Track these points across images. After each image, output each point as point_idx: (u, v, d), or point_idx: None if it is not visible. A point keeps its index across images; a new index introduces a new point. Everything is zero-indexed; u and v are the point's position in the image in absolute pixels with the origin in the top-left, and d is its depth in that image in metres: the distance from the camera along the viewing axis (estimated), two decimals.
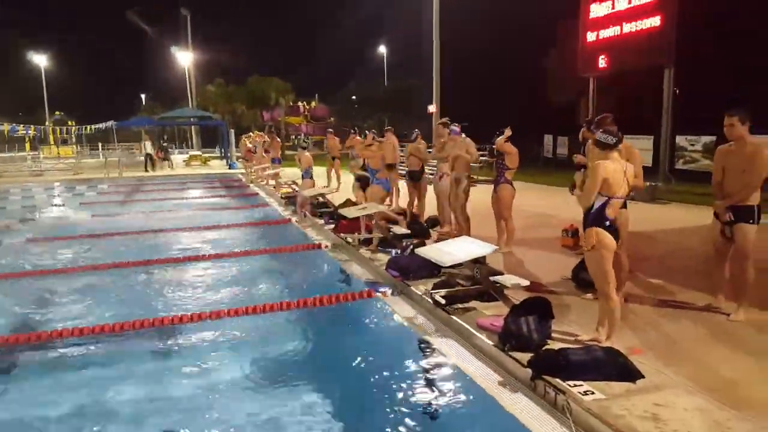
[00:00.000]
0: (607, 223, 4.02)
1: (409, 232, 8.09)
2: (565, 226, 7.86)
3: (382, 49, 52.28)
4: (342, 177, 15.17)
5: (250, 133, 27.16)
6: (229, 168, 26.85)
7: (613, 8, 15.12)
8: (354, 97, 49.59)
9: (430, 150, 11.23)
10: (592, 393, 3.36)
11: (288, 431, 3.44)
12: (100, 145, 43.63)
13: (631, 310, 4.95)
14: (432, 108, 22.90)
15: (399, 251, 7.12)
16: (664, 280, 5.88)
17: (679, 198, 12.26)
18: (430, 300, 5.26)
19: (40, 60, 50.69)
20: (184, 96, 43.55)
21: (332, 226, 9.23)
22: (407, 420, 3.49)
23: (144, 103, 66.64)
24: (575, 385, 3.44)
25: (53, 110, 55.52)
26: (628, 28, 14.69)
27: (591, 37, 16.04)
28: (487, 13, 31.68)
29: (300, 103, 51.12)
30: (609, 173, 3.96)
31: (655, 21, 13.89)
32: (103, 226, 10.97)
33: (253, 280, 6.82)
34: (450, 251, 5.68)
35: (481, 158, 18.84)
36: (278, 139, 19.53)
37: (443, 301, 5.08)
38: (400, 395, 3.80)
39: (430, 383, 3.98)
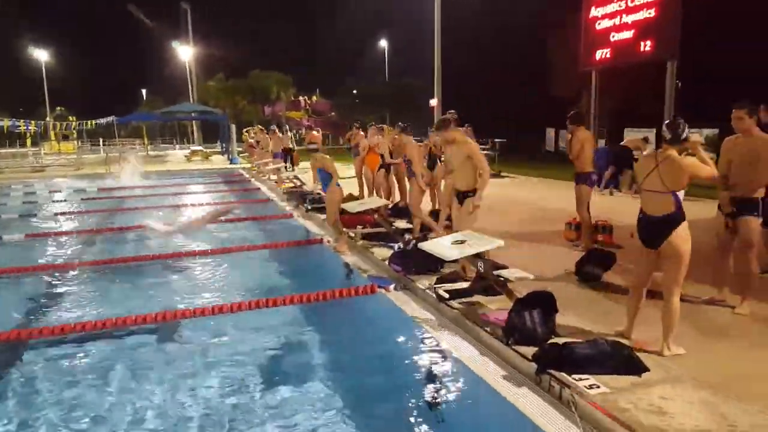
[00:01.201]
0: None
1: (411, 226, 8.08)
2: (567, 219, 7.84)
3: (383, 44, 52.13)
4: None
5: (251, 128, 27.15)
6: (231, 163, 26.84)
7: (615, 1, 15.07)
8: (355, 92, 49.48)
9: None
10: (598, 387, 3.35)
11: (290, 426, 3.43)
12: (101, 140, 43.61)
13: None
14: (433, 102, 22.87)
15: (401, 245, 7.10)
16: None
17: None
18: (433, 295, 5.25)
19: (41, 55, 50.63)
20: (184, 91, 43.52)
21: None
22: (411, 414, 3.49)
23: (145, 98, 66.59)
24: (580, 379, 3.43)
25: (54, 105, 55.46)
26: (630, 19, 14.63)
27: (593, 29, 15.97)
28: (489, 6, 31.58)
29: (301, 98, 51.01)
30: None
31: (652, 13, 13.85)
32: (103, 221, 10.98)
33: (255, 275, 6.82)
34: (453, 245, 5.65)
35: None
36: (280, 135, 19.55)
37: (447, 296, 5.07)
38: (404, 390, 3.80)
39: (433, 378, 3.97)
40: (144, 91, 68.83)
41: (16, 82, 63.94)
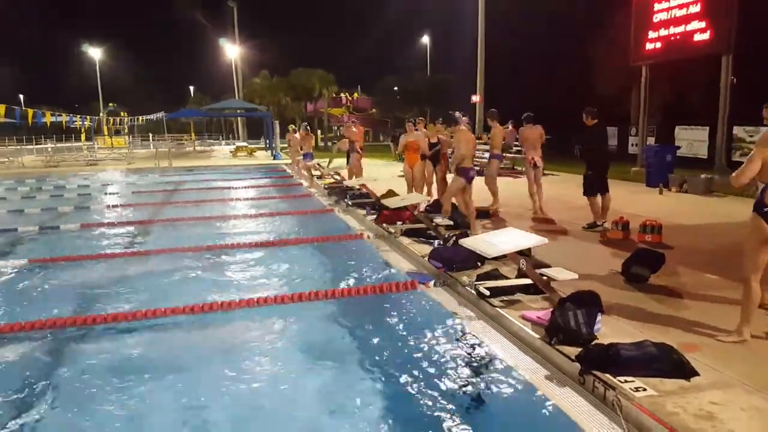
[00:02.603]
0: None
1: (451, 222, 8.04)
2: (613, 218, 7.65)
3: (425, 40, 51.90)
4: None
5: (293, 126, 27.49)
6: (274, 159, 27.26)
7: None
8: (396, 89, 49.38)
9: None
10: (644, 389, 3.25)
11: (330, 420, 3.46)
12: (150, 135, 45.01)
13: (685, 306, 4.79)
14: (476, 98, 22.66)
15: (442, 242, 7.07)
16: (720, 275, 5.64)
17: (735, 191, 11.74)
18: (474, 292, 5.20)
19: (95, 53, 52.47)
20: (230, 88, 44.43)
21: (374, 216, 9.24)
22: (451, 413, 3.46)
23: (192, 95, 68.28)
24: (626, 381, 3.34)
25: (107, 102, 57.51)
26: (682, 12, 14.10)
27: (643, 23, 15.47)
28: (533, 1, 30.97)
29: (343, 95, 51.31)
30: None
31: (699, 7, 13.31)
32: (152, 213, 11.33)
33: (296, 269, 6.89)
34: (495, 242, 5.59)
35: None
36: (311, 134, 19.84)
37: (488, 293, 5.00)
38: (444, 388, 3.77)
39: (473, 376, 3.93)
40: (192, 88, 70.64)
41: (72, 79, 66.67)
